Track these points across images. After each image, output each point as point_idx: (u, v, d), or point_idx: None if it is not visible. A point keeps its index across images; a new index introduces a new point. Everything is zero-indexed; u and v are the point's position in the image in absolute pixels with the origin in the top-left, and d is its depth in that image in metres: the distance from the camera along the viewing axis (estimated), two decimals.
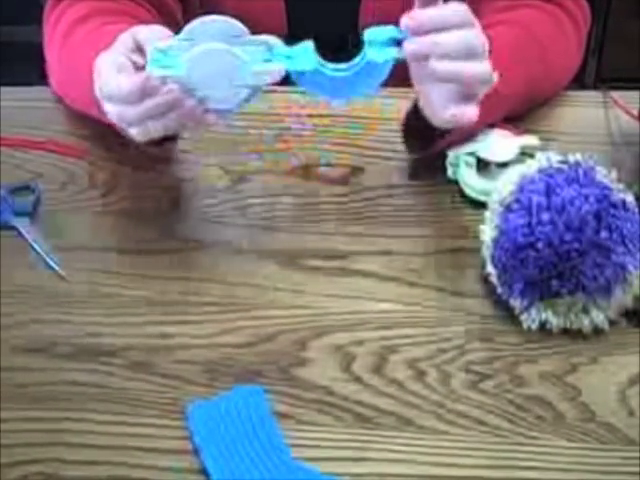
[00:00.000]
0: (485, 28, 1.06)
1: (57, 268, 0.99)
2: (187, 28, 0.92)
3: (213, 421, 0.85)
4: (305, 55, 0.93)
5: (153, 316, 0.95)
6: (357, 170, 1.08)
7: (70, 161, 1.10)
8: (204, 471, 0.82)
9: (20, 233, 1.03)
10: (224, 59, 0.91)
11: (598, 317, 0.91)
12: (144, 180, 1.08)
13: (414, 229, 1.02)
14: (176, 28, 1.19)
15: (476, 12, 1.13)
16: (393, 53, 0.92)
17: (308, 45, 0.93)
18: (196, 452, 0.84)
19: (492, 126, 1.06)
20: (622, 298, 0.91)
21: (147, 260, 1.00)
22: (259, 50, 0.93)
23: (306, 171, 1.09)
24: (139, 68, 0.94)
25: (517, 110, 1.09)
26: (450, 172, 1.05)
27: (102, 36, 1.01)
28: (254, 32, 0.92)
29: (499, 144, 1.05)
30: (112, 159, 1.11)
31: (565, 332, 0.92)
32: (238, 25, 0.93)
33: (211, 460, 0.82)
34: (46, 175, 1.09)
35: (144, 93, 0.92)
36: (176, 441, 0.85)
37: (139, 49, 0.95)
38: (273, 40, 0.93)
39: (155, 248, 1.01)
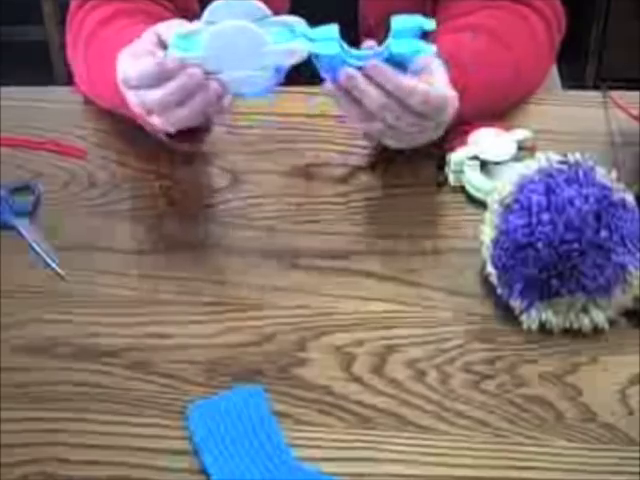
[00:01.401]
0: (451, 32, 1.07)
1: (57, 268, 0.99)
2: (209, 8, 0.90)
3: (213, 421, 0.85)
4: (328, 39, 0.91)
5: (153, 316, 0.95)
6: (357, 170, 1.08)
7: (70, 161, 1.10)
8: (204, 471, 0.82)
9: (20, 233, 1.03)
10: (245, 37, 0.89)
11: (598, 317, 0.91)
12: (144, 180, 1.08)
13: (414, 229, 1.02)
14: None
15: (445, 13, 1.14)
16: (418, 47, 0.92)
17: (332, 29, 0.92)
18: (196, 452, 0.84)
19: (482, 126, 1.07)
20: (622, 298, 0.91)
21: (147, 260, 1.00)
22: (282, 31, 0.91)
23: (306, 171, 1.09)
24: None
25: (486, 113, 1.08)
26: (452, 178, 1.05)
27: (129, 35, 1.01)
28: None
29: (497, 143, 1.05)
30: (112, 159, 1.11)
31: (565, 332, 0.92)
32: (261, 6, 0.91)
33: (211, 460, 0.82)
34: (46, 175, 1.09)
35: (163, 75, 0.91)
36: (176, 441, 0.85)
37: (162, 44, 0.95)
38: (296, 21, 0.92)
39: (155, 248, 1.02)
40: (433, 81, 0.96)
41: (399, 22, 0.92)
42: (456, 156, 1.05)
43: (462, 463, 0.83)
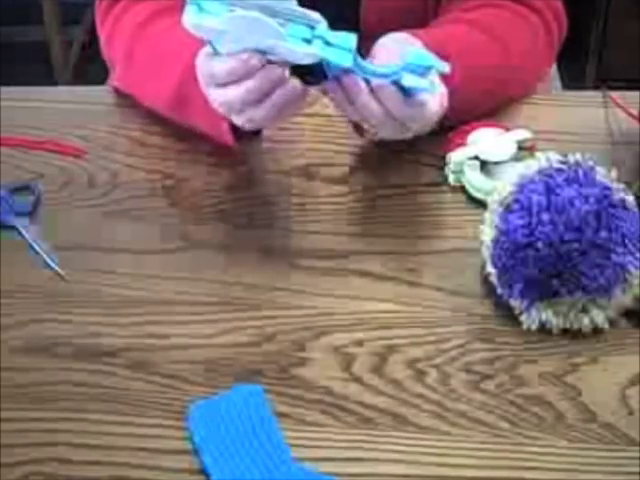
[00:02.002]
0: (447, 26, 1.08)
1: (57, 268, 0.99)
2: None
3: (213, 421, 0.85)
4: (345, 48, 0.91)
5: (153, 316, 0.95)
6: (357, 170, 1.08)
7: (70, 161, 1.10)
8: (204, 471, 0.82)
9: (20, 233, 1.03)
10: (263, 29, 0.89)
11: (598, 317, 0.91)
12: (144, 180, 1.08)
13: (414, 229, 1.02)
14: None
15: (447, 11, 1.14)
16: (426, 85, 0.92)
17: (351, 39, 0.91)
18: (196, 452, 0.84)
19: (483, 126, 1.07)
20: (622, 298, 0.91)
21: (147, 260, 1.00)
22: (301, 29, 0.91)
23: (306, 171, 1.09)
24: None
25: (481, 108, 1.09)
26: (452, 179, 1.05)
27: (177, 34, 1.00)
28: None
29: (497, 143, 1.05)
30: (112, 159, 1.11)
31: (565, 332, 0.92)
32: None
33: (211, 460, 0.82)
34: (46, 175, 1.09)
35: (244, 73, 0.91)
36: (176, 441, 0.85)
37: None
38: (317, 20, 0.91)
39: (155, 248, 1.02)
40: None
41: (414, 56, 0.92)
42: (456, 156, 1.05)
43: (462, 463, 0.83)
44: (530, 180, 0.92)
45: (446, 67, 0.94)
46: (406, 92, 0.93)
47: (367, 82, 0.93)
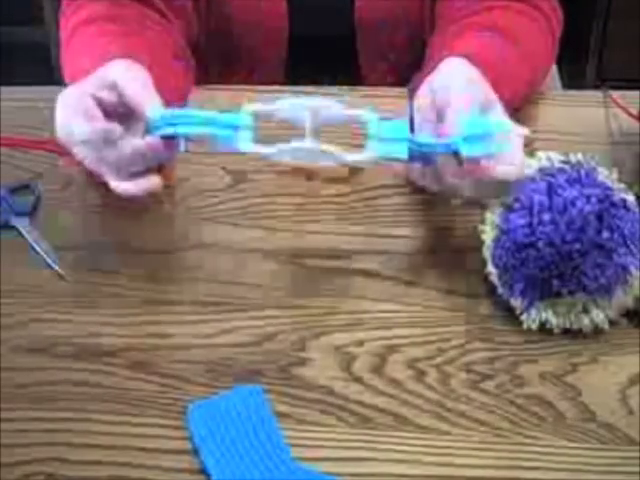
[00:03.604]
0: (466, 31, 1.07)
1: (57, 268, 0.99)
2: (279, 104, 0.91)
3: (213, 421, 0.85)
4: (399, 139, 0.90)
5: (153, 316, 0.95)
6: (357, 170, 1.08)
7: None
8: (204, 471, 0.82)
9: (20, 233, 1.03)
10: (316, 151, 0.91)
11: (598, 317, 0.91)
12: None
13: (414, 229, 1.02)
14: (189, 27, 1.18)
15: (447, 12, 1.14)
16: (487, 149, 0.88)
17: (403, 127, 0.90)
18: (196, 452, 0.84)
19: None
20: (623, 298, 0.91)
21: (147, 260, 1.00)
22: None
23: (306, 171, 1.09)
24: (106, 107, 0.93)
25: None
26: None
27: (96, 46, 1.00)
28: (256, 30, 0.90)
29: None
30: None
31: (565, 332, 0.92)
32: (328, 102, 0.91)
33: (211, 460, 0.82)
34: (46, 175, 1.09)
35: (104, 142, 0.91)
36: (176, 441, 0.85)
37: (111, 87, 0.93)
38: (369, 117, 0.91)
39: (155, 248, 1.01)
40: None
41: (471, 126, 0.88)
42: None
43: (462, 463, 0.83)
44: (532, 180, 0.92)
45: (506, 126, 0.91)
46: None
47: (426, 159, 0.91)
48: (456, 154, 0.89)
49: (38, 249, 1.01)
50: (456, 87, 0.93)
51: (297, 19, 1.20)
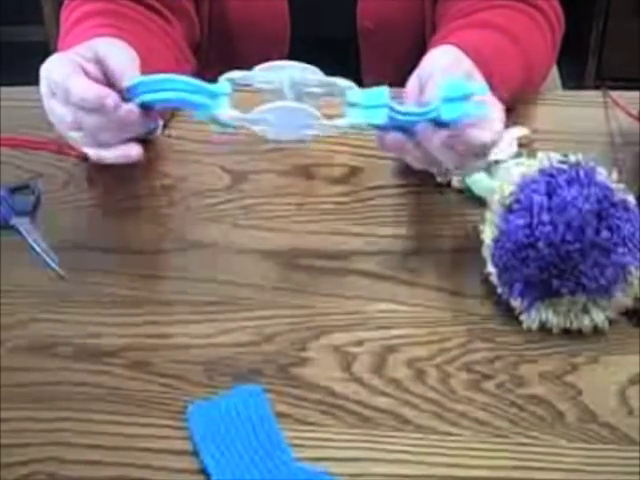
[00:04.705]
0: (465, 29, 1.07)
1: (57, 268, 0.99)
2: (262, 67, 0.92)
3: (213, 421, 0.85)
4: (378, 105, 0.90)
5: (153, 316, 0.95)
6: (357, 170, 1.08)
7: (70, 161, 1.10)
8: (204, 471, 0.82)
9: (20, 233, 1.03)
10: (297, 114, 0.91)
11: (598, 317, 0.91)
12: (144, 180, 1.08)
13: (414, 229, 1.02)
14: (191, 29, 1.18)
15: (447, 11, 1.14)
16: (468, 110, 0.89)
17: (383, 93, 0.90)
18: (196, 452, 0.84)
19: None
20: (622, 298, 0.91)
21: (147, 260, 1.00)
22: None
23: (306, 171, 1.09)
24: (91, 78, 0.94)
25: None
26: (455, 181, 1.05)
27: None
28: (257, 32, 0.91)
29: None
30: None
31: (565, 332, 0.92)
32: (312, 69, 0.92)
33: (211, 460, 0.82)
34: (46, 175, 1.09)
35: (98, 107, 0.91)
36: (176, 441, 0.85)
37: (97, 60, 0.95)
38: (347, 86, 0.91)
39: (155, 248, 1.02)
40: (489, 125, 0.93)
41: (449, 89, 0.90)
42: None
43: (462, 463, 0.83)
44: (531, 180, 0.92)
45: (484, 89, 0.92)
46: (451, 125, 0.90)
47: (406, 129, 0.91)
48: (436, 123, 0.90)
49: (38, 249, 1.01)
50: (439, 63, 0.95)
51: (298, 20, 1.20)
